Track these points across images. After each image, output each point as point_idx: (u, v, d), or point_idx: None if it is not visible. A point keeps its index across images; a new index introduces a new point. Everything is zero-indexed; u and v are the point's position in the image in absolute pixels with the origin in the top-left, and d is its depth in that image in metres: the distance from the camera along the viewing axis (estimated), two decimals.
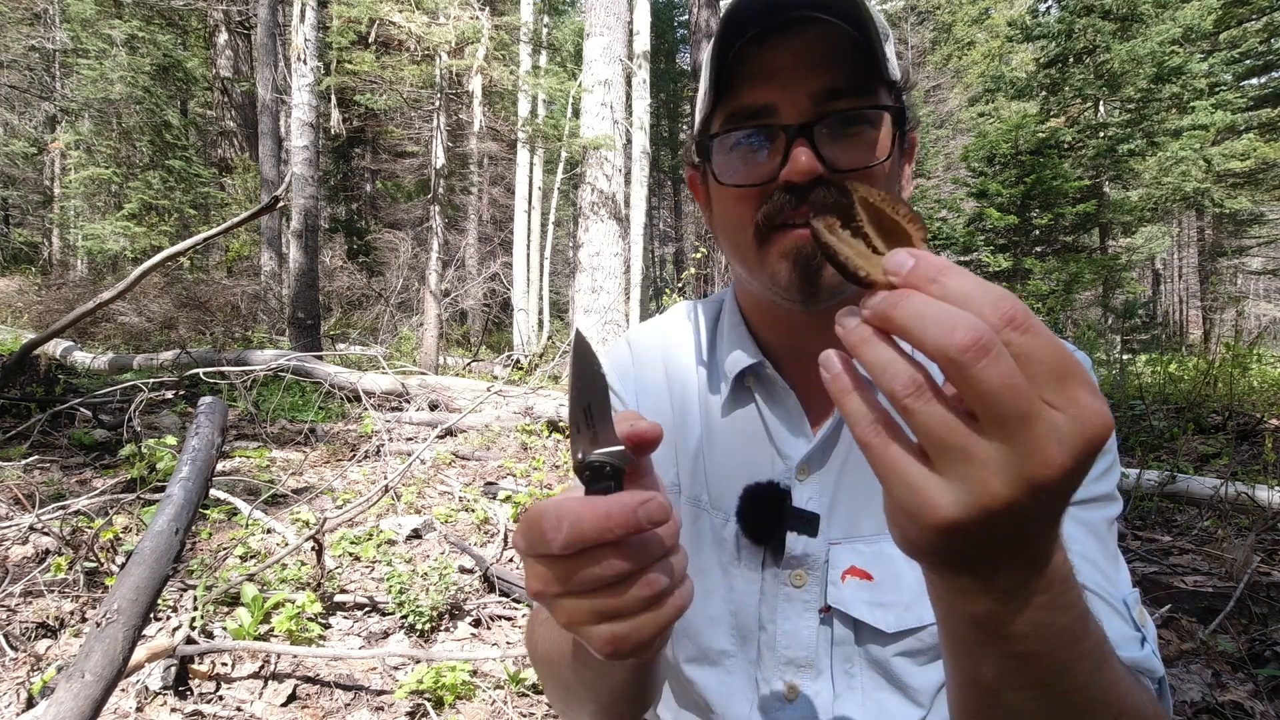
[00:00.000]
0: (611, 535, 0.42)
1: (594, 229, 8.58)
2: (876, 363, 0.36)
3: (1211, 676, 2.15)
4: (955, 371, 0.32)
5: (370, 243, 18.08)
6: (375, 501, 3.38)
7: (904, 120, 0.72)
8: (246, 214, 4.60)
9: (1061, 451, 0.32)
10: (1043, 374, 0.33)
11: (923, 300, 0.34)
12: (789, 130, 0.68)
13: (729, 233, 0.76)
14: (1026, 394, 0.32)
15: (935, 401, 0.34)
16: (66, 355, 7.99)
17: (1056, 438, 0.32)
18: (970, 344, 0.32)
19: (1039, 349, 0.33)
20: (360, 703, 2.13)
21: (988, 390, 0.32)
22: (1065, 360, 0.33)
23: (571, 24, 18.35)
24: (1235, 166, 16.22)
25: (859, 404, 0.37)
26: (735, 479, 0.80)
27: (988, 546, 0.36)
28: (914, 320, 0.34)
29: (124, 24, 15.10)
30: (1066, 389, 0.33)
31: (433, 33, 8.66)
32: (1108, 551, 0.71)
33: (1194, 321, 25.81)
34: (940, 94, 27.80)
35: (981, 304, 0.33)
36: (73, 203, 17.82)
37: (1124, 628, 0.66)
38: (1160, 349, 11.12)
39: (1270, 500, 3.39)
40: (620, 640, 0.44)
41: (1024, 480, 0.33)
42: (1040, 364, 0.33)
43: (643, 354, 0.92)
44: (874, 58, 0.67)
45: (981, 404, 0.32)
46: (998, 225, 14.15)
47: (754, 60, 0.69)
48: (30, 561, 2.68)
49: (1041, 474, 0.33)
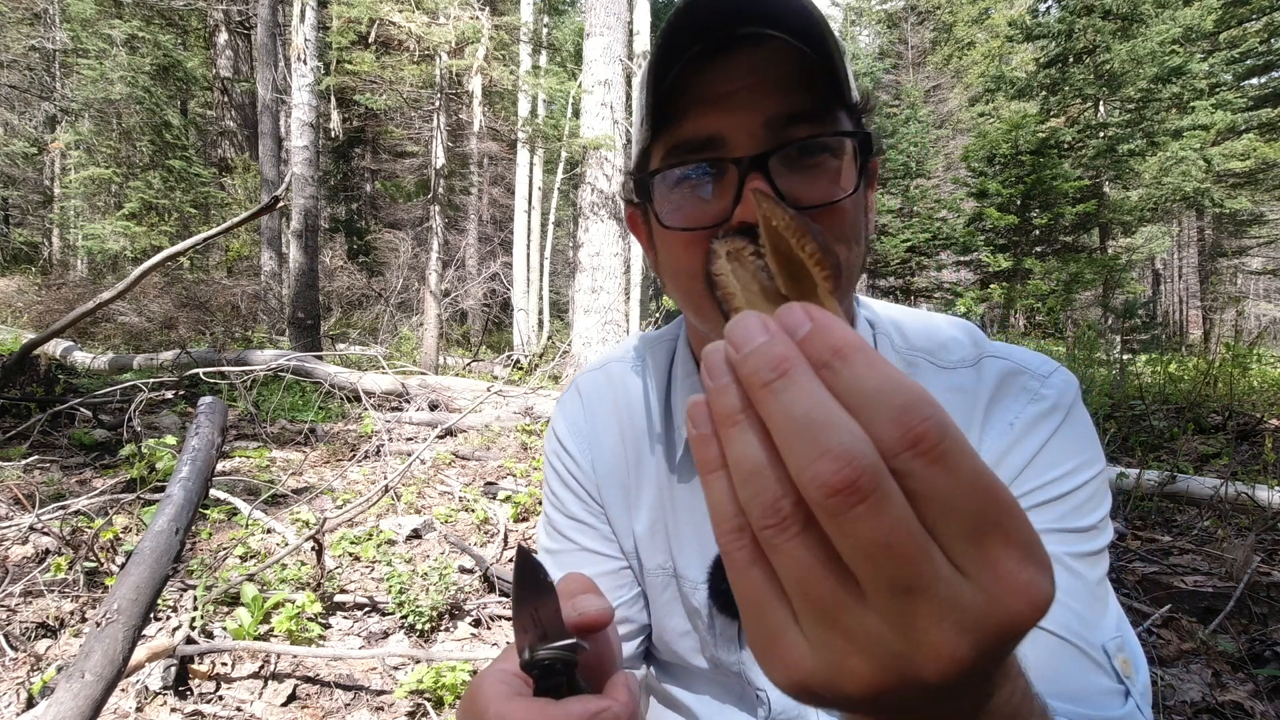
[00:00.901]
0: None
1: (594, 229, 8.57)
2: (738, 461, 0.27)
3: (1211, 676, 2.15)
4: (821, 513, 0.24)
5: (370, 243, 18.08)
6: (375, 501, 3.38)
7: (869, 147, 0.64)
8: (246, 214, 4.60)
9: (958, 640, 0.24)
10: (953, 525, 0.24)
11: (802, 392, 0.25)
12: (740, 163, 0.59)
13: (677, 280, 0.67)
14: (913, 559, 0.24)
15: (800, 541, 0.25)
16: (66, 355, 7.99)
17: (955, 620, 0.24)
18: (840, 484, 0.23)
19: (951, 488, 0.24)
20: (360, 703, 2.13)
21: (857, 547, 0.24)
22: (990, 506, 0.24)
23: (571, 24, 18.35)
24: (1235, 166, 16.23)
25: (724, 496, 0.28)
26: (700, 544, 0.76)
27: (848, 707, 0.28)
28: (782, 420, 0.25)
29: (124, 24, 15.11)
30: (984, 549, 0.24)
31: (433, 33, 8.67)
32: (1088, 590, 0.61)
33: (1194, 321, 25.81)
34: (940, 94, 27.80)
35: (879, 413, 0.24)
36: (73, 203, 17.82)
37: (1100, 679, 0.58)
38: (1160, 349, 11.12)
39: (1270, 500, 3.39)
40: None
41: (897, 671, 0.25)
42: (949, 510, 0.24)
43: (595, 404, 0.85)
44: (834, 78, 0.59)
45: (852, 561, 0.24)
46: (998, 225, 14.16)
47: (697, 84, 0.61)
48: (30, 561, 2.68)
49: (924, 668, 0.25)
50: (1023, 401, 0.68)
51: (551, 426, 0.88)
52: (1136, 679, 0.60)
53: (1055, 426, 0.66)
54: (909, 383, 0.25)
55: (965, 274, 17.81)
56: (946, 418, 0.24)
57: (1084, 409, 0.69)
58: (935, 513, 0.24)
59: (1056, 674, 0.57)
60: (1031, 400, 0.68)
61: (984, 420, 0.69)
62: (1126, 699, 0.58)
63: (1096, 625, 0.60)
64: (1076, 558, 0.62)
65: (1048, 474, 0.64)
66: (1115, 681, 0.58)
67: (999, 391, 0.69)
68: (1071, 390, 0.69)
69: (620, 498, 0.81)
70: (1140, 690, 0.59)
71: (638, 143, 0.68)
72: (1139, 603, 2.58)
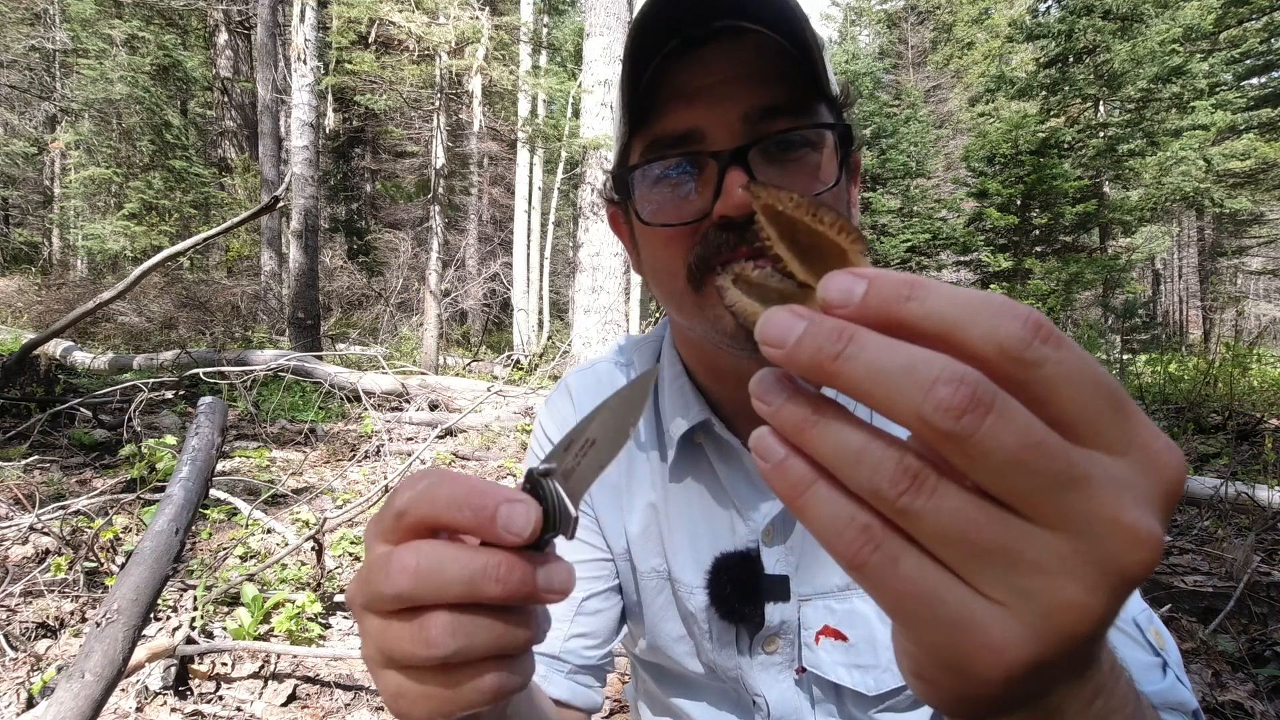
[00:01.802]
0: (456, 516, 0.33)
1: (594, 229, 8.57)
2: (838, 454, 0.24)
3: (1211, 676, 2.15)
4: (953, 445, 0.22)
5: (370, 243, 18.09)
6: (375, 501, 3.38)
7: (849, 140, 0.63)
8: (246, 214, 4.60)
9: (1144, 515, 0.23)
10: (1091, 406, 0.23)
11: (881, 343, 0.23)
12: (720, 157, 0.58)
13: (659, 278, 0.66)
14: (1062, 450, 0.22)
15: (949, 488, 0.23)
16: (66, 355, 7.99)
17: (1131, 497, 0.23)
18: (964, 401, 0.22)
19: (1083, 367, 0.23)
20: (360, 703, 2.13)
21: (1006, 461, 0.22)
22: (1113, 383, 0.23)
23: (571, 24, 18.35)
24: (1235, 166, 16.24)
25: (830, 505, 0.25)
26: (696, 547, 0.75)
27: (1051, 675, 0.25)
28: (872, 377, 0.23)
29: (124, 24, 15.11)
30: (1128, 419, 0.23)
31: (433, 33, 8.67)
32: None
33: (1194, 321, 25.82)
34: (940, 94, 27.81)
35: (992, 317, 0.23)
36: (73, 203, 17.83)
37: (1140, 654, 0.57)
38: (1160, 349, 11.12)
39: (1270, 500, 3.39)
40: (404, 700, 0.35)
41: (1110, 573, 0.23)
42: (1086, 392, 0.23)
43: (584, 402, 0.84)
44: (812, 71, 0.59)
45: (1008, 484, 0.22)
46: (998, 225, 14.17)
47: (674, 79, 0.60)
48: (30, 561, 2.68)
49: (1131, 555, 0.22)
50: None
51: (539, 422, 0.86)
52: (1170, 651, 0.59)
53: None
54: (997, 295, 0.24)
55: (965, 274, 17.82)
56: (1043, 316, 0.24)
57: None
58: (1078, 396, 0.23)
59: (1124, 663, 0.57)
60: None
61: None
62: (1165, 671, 0.57)
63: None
64: None
65: None
66: (1152, 654, 0.57)
67: None
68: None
69: (612, 498, 0.80)
70: (1175, 661, 0.58)
71: (617, 140, 0.67)
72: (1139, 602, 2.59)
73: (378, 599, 0.34)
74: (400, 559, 0.33)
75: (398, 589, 0.33)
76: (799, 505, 0.25)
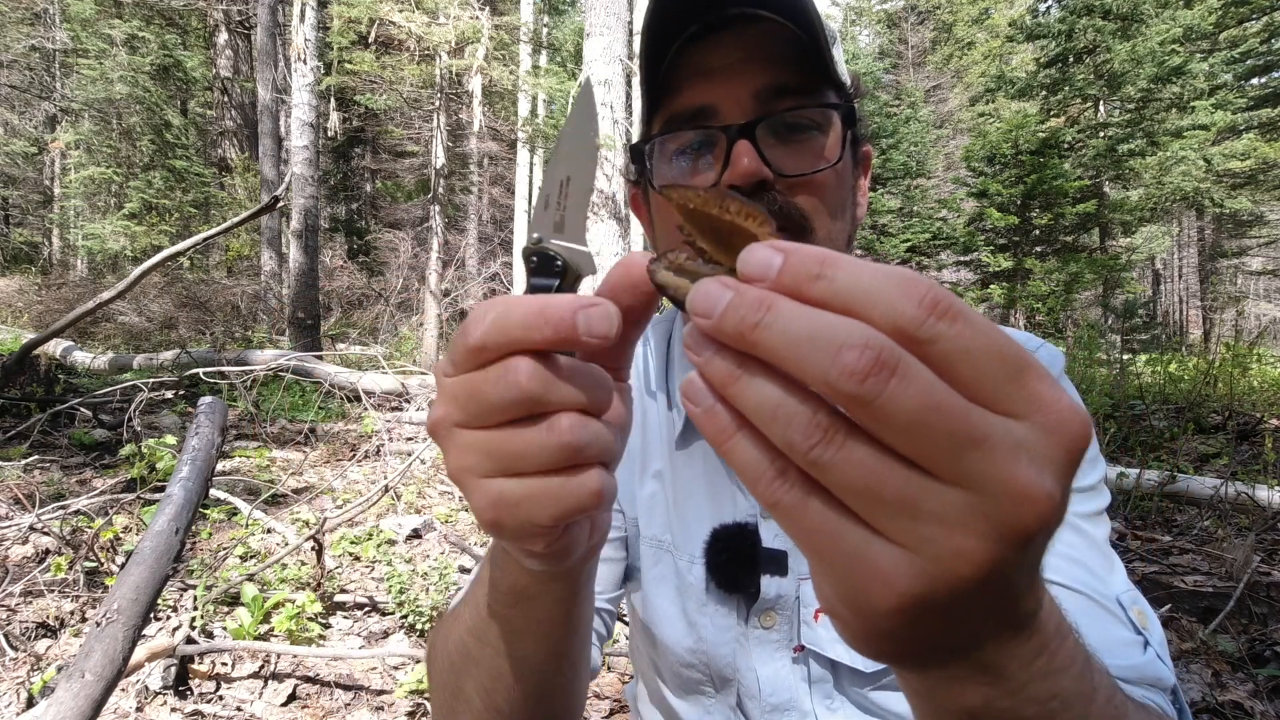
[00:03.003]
0: (537, 336, 0.33)
1: (594, 229, 8.57)
2: (757, 407, 0.26)
3: (1211, 676, 2.15)
4: (859, 407, 0.24)
5: (370, 243, 18.09)
6: (375, 501, 3.38)
7: (854, 122, 0.67)
8: (246, 214, 4.60)
9: (1039, 475, 0.24)
10: (992, 370, 0.24)
11: (796, 311, 0.25)
12: (730, 130, 0.62)
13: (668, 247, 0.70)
14: (962, 411, 0.24)
15: (856, 443, 0.25)
16: (66, 355, 7.99)
17: (1028, 456, 0.24)
18: (868, 365, 0.23)
19: (978, 338, 0.24)
20: (360, 703, 2.13)
21: (908, 422, 0.24)
22: (1014, 349, 0.25)
23: (571, 24, 18.36)
24: (1235, 166, 16.23)
25: (751, 450, 0.27)
26: (698, 518, 0.75)
27: (964, 620, 0.27)
28: (787, 343, 0.25)
29: (124, 24, 15.11)
30: (1026, 385, 0.25)
31: (433, 33, 8.67)
32: (1094, 547, 0.63)
33: (1194, 321, 25.82)
34: (940, 94, 27.81)
35: (890, 295, 0.24)
36: (73, 202, 17.84)
37: (1120, 630, 0.58)
38: (1160, 349, 11.12)
39: (1270, 500, 3.39)
40: (506, 507, 0.35)
41: (1004, 527, 0.24)
42: (986, 357, 0.24)
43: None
44: (821, 57, 0.63)
45: (910, 442, 0.24)
46: (998, 225, 14.17)
47: (692, 60, 0.65)
48: (30, 561, 2.68)
49: (1022, 512, 0.24)
50: None
51: None
52: (1152, 630, 0.59)
53: None
54: (899, 269, 0.25)
55: (965, 274, 17.81)
56: (944, 289, 0.25)
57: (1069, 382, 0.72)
58: (973, 366, 0.24)
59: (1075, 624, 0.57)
60: None
61: None
62: (1146, 648, 0.58)
63: (1107, 580, 0.61)
64: (1081, 517, 0.64)
65: None
66: (1134, 633, 0.58)
67: None
68: (1058, 362, 0.73)
69: (627, 461, 0.81)
70: (1157, 640, 0.59)
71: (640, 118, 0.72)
72: None
73: (491, 410, 0.34)
74: (515, 367, 0.34)
75: (524, 393, 0.34)
76: (724, 451, 0.28)
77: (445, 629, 0.61)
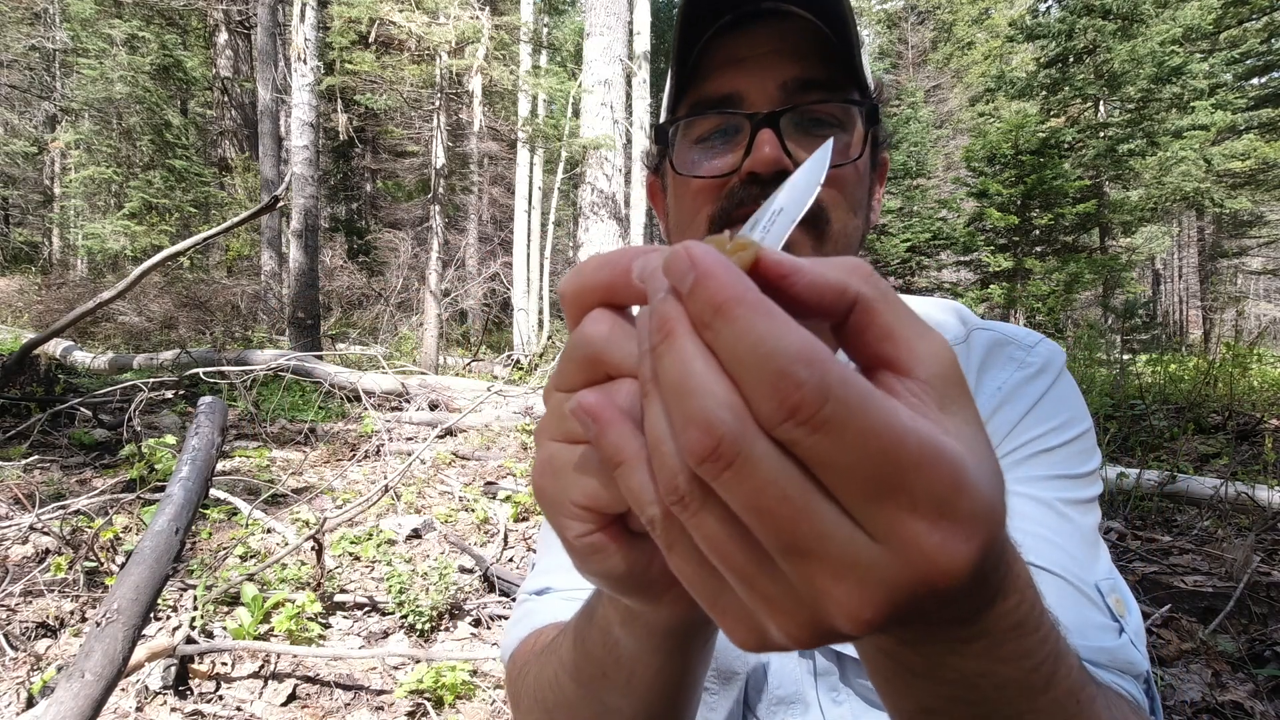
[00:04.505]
0: (599, 279, 0.31)
1: (594, 229, 8.58)
2: (649, 436, 0.26)
3: (1211, 676, 2.15)
4: (707, 481, 0.24)
5: (370, 243, 18.09)
6: (375, 501, 3.38)
7: (876, 122, 0.68)
8: (246, 214, 4.60)
9: (861, 599, 0.24)
10: (849, 489, 0.23)
11: (677, 358, 0.24)
12: (754, 118, 0.64)
13: (683, 231, 0.70)
14: (790, 520, 0.23)
15: (709, 515, 0.25)
16: (66, 355, 7.99)
17: (856, 578, 0.23)
18: (704, 451, 0.23)
19: (838, 454, 0.22)
20: (360, 702, 2.13)
21: (741, 513, 0.24)
22: (888, 468, 0.22)
23: (571, 24, 18.36)
24: (1235, 166, 16.22)
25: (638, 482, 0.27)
26: None
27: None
28: (663, 387, 0.24)
29: (124, 24, 15.12)
30: (884, 511, 0.23)
31: (433, 33, 8.67)
32: (1077, 532, 0.63)
33: (1194, 321, 25.82)
34: (940, 94, 27.80)
35: (757, 380, 0.22)
36: (73, 202, 17.84)
37: (1095, 615, 0.59)
38: (1160, 349, 11.12)
39: (1270, 500, 3.39)
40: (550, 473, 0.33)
41: (816, 627, 0.25)
42: (842, 475, 0.23)
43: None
44: (849, 57, 0.64)
45: (747, 526, 0.24)
46: (998, 225, 14.16)
47: (723, 49, 0.66)
48: (30, 561, 2.68)
49: (839, 624, 0.24)
50: (1010, 369, 0.72)
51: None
52: (1129, 618, 0.60)
53: (1047, 386, 0.70)
54: (790, 342, 0.22)
55: (965, 274, 17.80)
56: (831, 377, 0.22)
57: (1070, 377, 0.73)
58: (830, 478, 0.23)
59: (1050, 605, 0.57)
60: (1019, 367, 0.72)
61: (975, 387, 0.71)
62: (1120, 634, 0.58)
63: (1088, 566, 0.61)
64: (1069, 504, 0.64)
65: (1042, 427, 0.67)
66: (1109, 619, 0.59)
67: (987, 359, 0.73)
68: (1059, 357, 0.74)
69: None
70: (1134, 629, 0.59)
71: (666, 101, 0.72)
72: (1139, 603, 2.58)
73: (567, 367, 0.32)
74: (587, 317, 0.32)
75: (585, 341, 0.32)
76: (613, 475, 0.28)
77: (539, 663, 0.59)
